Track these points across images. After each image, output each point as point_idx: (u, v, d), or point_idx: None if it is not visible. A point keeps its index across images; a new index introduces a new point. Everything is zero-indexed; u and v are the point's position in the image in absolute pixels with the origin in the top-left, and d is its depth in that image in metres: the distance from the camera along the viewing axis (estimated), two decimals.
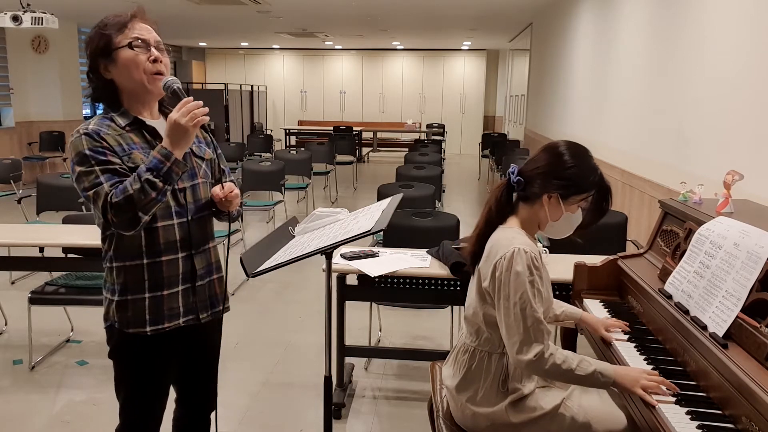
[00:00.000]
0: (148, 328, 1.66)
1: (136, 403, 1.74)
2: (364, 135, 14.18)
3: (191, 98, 1.59)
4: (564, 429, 1.71)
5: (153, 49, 1.62)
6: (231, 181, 1.90)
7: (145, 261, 1.64)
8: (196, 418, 1.93)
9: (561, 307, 2.04)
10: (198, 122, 1.58)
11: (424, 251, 2.92)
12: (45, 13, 6.25)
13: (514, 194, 1.78)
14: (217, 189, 1.73)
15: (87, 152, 1.54)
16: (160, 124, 1.69)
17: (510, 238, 1.69)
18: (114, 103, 1.65)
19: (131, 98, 1.65)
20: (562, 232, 1.78)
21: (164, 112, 1.75)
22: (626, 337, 1.92)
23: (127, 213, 1.51)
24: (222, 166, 1.87)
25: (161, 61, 1.63)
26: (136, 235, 1.61)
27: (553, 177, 1.69)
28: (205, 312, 1.77)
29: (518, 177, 1.74)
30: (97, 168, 1.54)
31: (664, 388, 1.55)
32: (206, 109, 1.60)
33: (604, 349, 1.91)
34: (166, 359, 1.74)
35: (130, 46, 1.59)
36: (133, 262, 1.64)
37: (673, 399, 1.53)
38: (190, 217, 1.70)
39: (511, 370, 1.74)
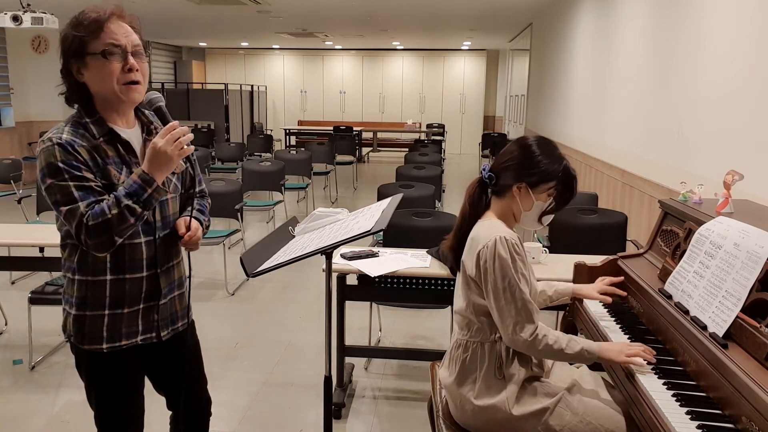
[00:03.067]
0: (104, 346, 1.60)
1: (108, 416, 1.70)
2: (364, 135, 14.18)
3: (176, 123, 1.54)
4: (564, 424, 1.72)
5: (129, 56, 1.52)
6: (201, 194, 1.84)
7: (108, 277, 1.57)
8: (189, 422, 1.88)
9: (552, 287, 2.09)
10: (184, 152, 1.52)
11: (424, 251, 2.93)
12: (45, 13, 6.26)
13: (489, 190, 1.86)
14: (181, 225, 1.67)
15: (60, 165, 1.46)
16: (134, 133, 1.62)
17: (489, 228, 1.76)
18: (88, 108, 1.56)
19: (104, 105, 1.57)
20: (536, 222, 1.85)
21: (141, 118, 1.67)
22: (626, 336, 1.92)
23: (103, 236, 1.46)
24: (195, 175, 1.77)
25: (136, 69, 1.53)
26: None
27: (522, 168, 1.78)
28: (166, 329, 1.71)
29: (489, 173, 1.83)
30: (71, 183, 1.46)
31: (645, 354, 1.67)
32: (191, 136, 1.54)
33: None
34: (129, 374, 1.68)
35: (104, 54, 1.49)
36: (96, 278, 1.57)
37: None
38: (157, 236, 1.64)
39: (505, 356, 1.77)
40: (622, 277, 2.05)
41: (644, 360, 1.66)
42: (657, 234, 2.30)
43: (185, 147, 1.52)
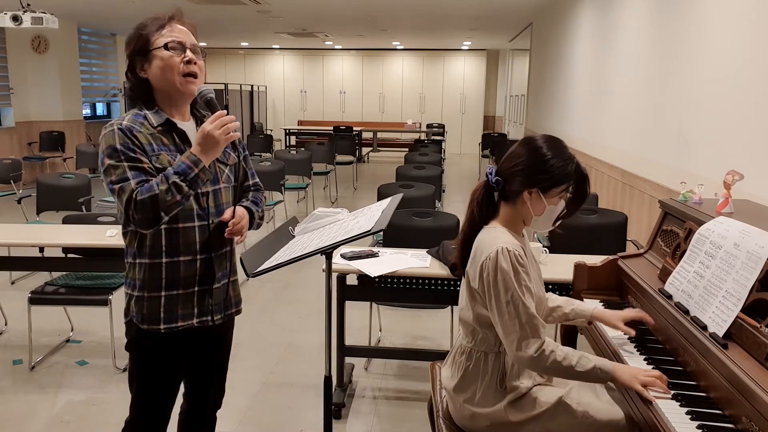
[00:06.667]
0: (162, 326, 1.70)
1: (148, 397, 1.78)
2: (364, 135, 14.17)
3: (225, 111, 1.66)
4: (563, 426, 1.71)
5: (188, 51, 1.66)
6: (256, 188, 1.94)
7: (164, 260, 1.69)
8: (202, 414, 1.95)
9: (571, 305, 1.99)
10: (230, 137, 1.64)
11: (424, 251, 2.92)
12: (45, 13, 6.25)
13: (495, 194, 1.77)
14: (227, 213, 1.75)
15: (118, 146, 1.59)
16: (190, 127, 1.75)
17: (493, 238, 1.69)
18: (148, 102, 1.69)
19: (164, 99, 1.70)
20: (547, 225, 1.78)
21: (195, 114, 1.79)
22: (626, 336, 1.91)
23: (150, 212, 1.57)
24: (247, 169, 1.92)
25: (195, 63, 1.67)
26: (158, 234, 1.66)
27: (532, 172, 1.69)
28: (219, 314, 1.80)
29: (497, 177, 1.74)
30: (125, 164, 1.59)
31: (660, 383, 1.56)
32: (237, 124, 1.67)
33: (604, 348, 1.91)
34: (179, 357, 1.78)
35: (166, 47, 1.63)
36: (153, 260, 1.68)
37: (670, 396, 1.54)
38: (211, 221, 1.73)
39: (509, 369, 1.74)
40: (651, 321, 1.88)
41: (660, 389, 1.55)
42: (657, 234, 2.30)
43: (231, 133, 1.64)
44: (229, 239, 1.80)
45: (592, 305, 1.99)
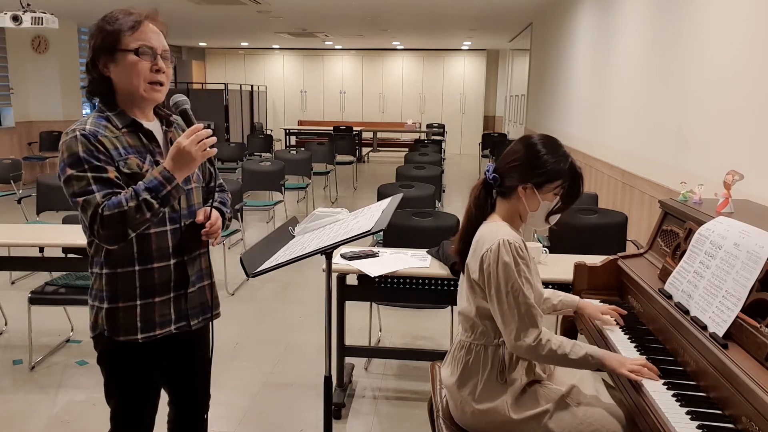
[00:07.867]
0: (139, 336, 1.63)
1: (128, 409, 1.72)
2: (364, 135, 14.17)
3: (201, 125, 1.57)
4: (564, 426, 1.72)
5: (159, 58, 1.58)
6: (221, 188, 1.88)
7: (137, 268, 1.60)
8: (189, 420, 1.90)
9: (558, 296, 2.08)
10: (207, 153, 1.56)
11: (424, 251, 2.93)
12: (45, 13, 6.25)
13: (494, 191, 1.83)
14: (200, 214, 1.69)
15: (81, 154, 1.49)
16: (155, 126, 1.67)
17: (494, 231, 1.73)
18: (109, 101, 1.60)
19: (126, 101, 1.61)
20: (542, 222, 1.82)
21: (158, 113, 1.71)
22: (626, 336, 1.92)
23: (117, 229, 1.48)
24: (211, 168, 1.82)
25: (163, 72, 1.59)
26: (128, 241, 1.56)
27: (527, 168, 1.75)
28: (196, 319, 1.74)
29: (494, 174, 1.80)
30: (89, 174, 1.49)
31: (647, 370, 1.62)
32: (215, 139, 1.58)
33: (605, 348, 1.91)
34: (157, 365, 1.72)
35: (137, 52, 1.54)
36: (124, 269, 1.60)
37: (661, 381, 1.59)
38: (183, 224, 1.67)
39: (508, 361, 1.76)
40: (625, 312, 2.04)
41: (647, 377, 1.61)
42: (657, 234, 2.30)
43: (208, 149, 1.56)
44: (202, 242, 1.74)
45: (576, 297, 2.11)
